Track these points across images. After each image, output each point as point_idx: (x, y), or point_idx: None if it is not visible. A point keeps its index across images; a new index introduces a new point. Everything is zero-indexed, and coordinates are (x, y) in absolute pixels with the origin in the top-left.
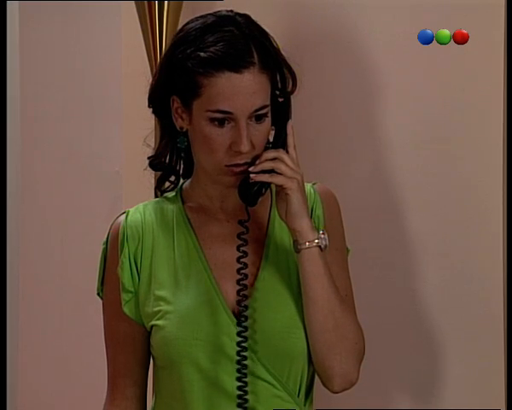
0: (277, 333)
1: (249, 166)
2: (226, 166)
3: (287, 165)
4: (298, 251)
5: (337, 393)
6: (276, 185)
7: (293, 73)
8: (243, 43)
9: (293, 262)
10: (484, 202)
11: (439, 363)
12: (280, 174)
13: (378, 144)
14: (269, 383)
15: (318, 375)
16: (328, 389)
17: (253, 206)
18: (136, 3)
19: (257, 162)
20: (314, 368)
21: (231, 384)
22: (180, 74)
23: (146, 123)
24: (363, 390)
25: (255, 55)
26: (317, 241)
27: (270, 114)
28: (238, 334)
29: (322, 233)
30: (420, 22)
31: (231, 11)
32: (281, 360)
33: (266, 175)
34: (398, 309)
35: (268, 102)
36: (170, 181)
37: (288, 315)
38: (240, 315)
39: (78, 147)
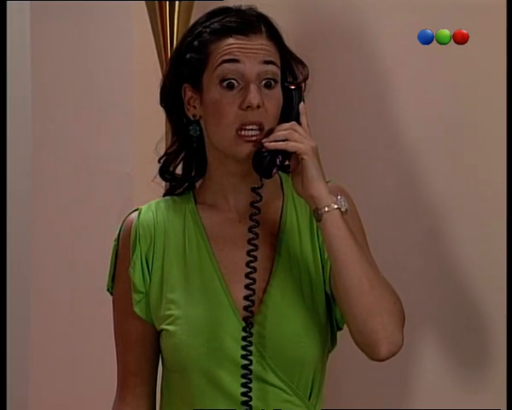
0: (288, 341)
1: (262, 139)
2: (237, 131)
3: (300, 134)
4: (319, 218)
5: (385, 360)
6: (289, 154)
7: (304, 63)
8: (251, 17)
9: (305, 269)
10: (491, 201)
11: (443, 363)
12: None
13: (390, 144)
14: (279, 388)
15: (362, 347)
16: (374, 358)
17: (268, 177)
18: (146, 4)
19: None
20: (356, 341)
21: (240, 391)
22: (189, 54)
23: (156, 124)
24: (370, 391)
25: (263, 27)
26: (335, 205)
27: (280, 89)
28: (243, 339)
29: (340, 197)
30: (430, 21)
31: (240, 5)
32: (291, 366)
33: (280, 142)
34: (406, 310)
35: (278, 64)
36: (177, 194)
37: (299, 323)
38: (249, 321)
39: (89, 148)
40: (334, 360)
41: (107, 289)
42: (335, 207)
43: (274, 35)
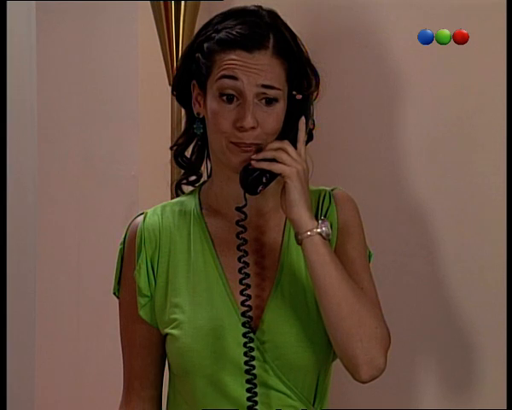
0: (290, 348)
1: (255, 152)
2: (231, 142)
3: (289, 155)
4: (300, 242)
5: (367, 382)
6: (276, 174)
7: (317, 73)
8: (261, 29)
9: (309, 277)
10: (494, 202)
11: (447, 364)
12: (281, 164)
13: (396, 147)
14: (283, 393)
15: (346, 368)
16: (357, 380)
17: (253, 194)
18: (152, 5)
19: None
20: (341, 361)
21: (245, 397)
22: (198, 54)
23: (162, 127)
24: (373, 395)
25: (271, 42)
26: (317, 229)
27: (283, 103)
28: (244, 344)
29: (323, 222)
30: (436, 22)
31: (259, 6)
32: (294, 371)
33: (266, 162)
34: (413, 312)
35: (279, 87)
36: (190, 182)
37: (302, 330)
38: (254, 327)
39: (95, 151)
40: (339, 362)
41: (114, 293)
42: (317, 231)
43: (282, 49)
